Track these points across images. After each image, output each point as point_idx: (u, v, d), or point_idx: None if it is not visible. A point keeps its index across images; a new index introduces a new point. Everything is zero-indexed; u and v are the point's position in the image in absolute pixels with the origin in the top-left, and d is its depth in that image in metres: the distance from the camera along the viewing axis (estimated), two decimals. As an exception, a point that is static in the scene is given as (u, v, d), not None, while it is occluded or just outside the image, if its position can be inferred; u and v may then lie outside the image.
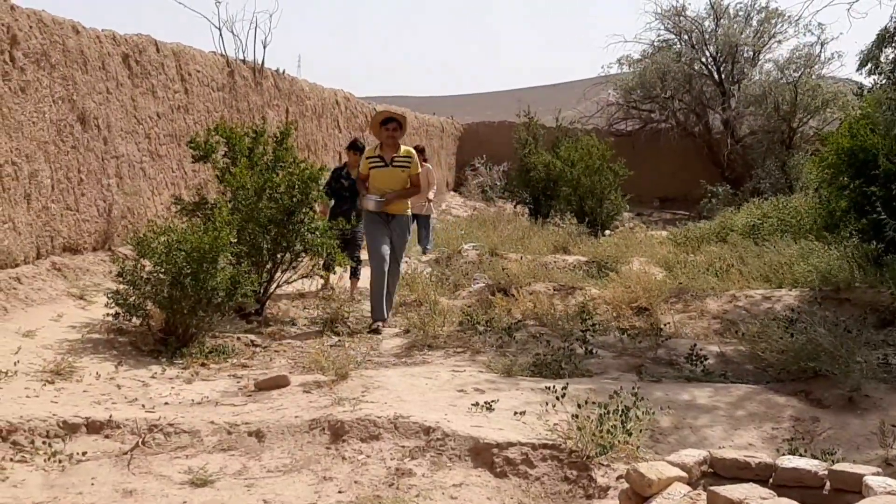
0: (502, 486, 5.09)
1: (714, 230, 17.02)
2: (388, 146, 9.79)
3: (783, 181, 24.06)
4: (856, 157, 12.35)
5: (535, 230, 16.99)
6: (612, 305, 10.49)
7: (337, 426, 5.71)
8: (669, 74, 28.98)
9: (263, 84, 15.75)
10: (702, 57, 29.49)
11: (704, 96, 29.54)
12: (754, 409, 6.56)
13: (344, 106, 20.31)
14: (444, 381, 7.11)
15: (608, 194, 20.21)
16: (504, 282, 11.28)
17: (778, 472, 4.14)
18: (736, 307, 10.41)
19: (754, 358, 7.89)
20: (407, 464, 5.30)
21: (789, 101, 27.00)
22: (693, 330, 9.64)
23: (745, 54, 29.46)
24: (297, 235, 9.66)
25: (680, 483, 3.99)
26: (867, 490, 3.80)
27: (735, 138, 28.49)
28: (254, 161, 9.81)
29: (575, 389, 6.21)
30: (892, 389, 6.81)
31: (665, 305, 10.48)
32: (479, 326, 8.98)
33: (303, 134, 17.34)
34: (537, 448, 5.33)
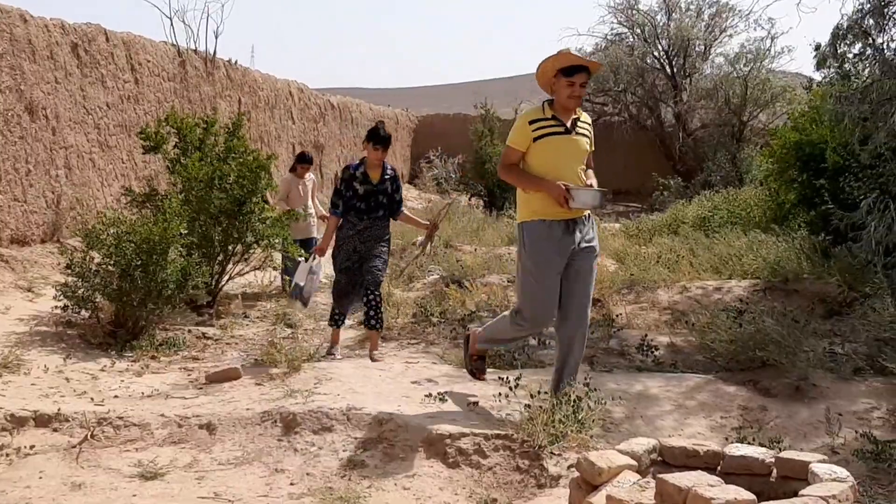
0: (455, 477, 5.10)
1: (666, 222, 17.15)
2: (568, 109, 6.02)
3: (733, 174, 24.27)
4: (804, 150, 12.53)
5: (489, 222, 17.02)
6: (563, 297, 10.53)
7: (289, 418, 5.69)
8: (622, 68, 29.11)
9: (215, 74, 15.62)
10: (654, 51, 29.64)
11: (657, 90, 29.71)
12: (704, 399, 6.63)
13: (297, 97, 20.20)
14: (397, 372, 7.11)
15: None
16: (458, 273, 11.29)
17: (726, 460, 4.18)
18: (686, 298, 10.51)
19: (704, 348, 7.97)
20: (359, 455, 5.30)
21: (740, 94, 27.24)
22: (644, 321, 9.71)
23: (697, 48, 29.65)
24: (248, 226, 9.60)
25: (630, 471, 4.01)
26: (813, 477, 3.85)
27: (686, 131, 28.71)
28: (205, 152, 9.72)
29: (528, 380, 6.24)
30: (838, 379, 6.91)
31: (617, 297, 10.56)
32: (432, 318, 8.99)
33: (255, 125, 17.22)
34: (490, 438, 5.35)
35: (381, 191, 7.93)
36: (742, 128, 27.43)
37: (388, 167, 8.06)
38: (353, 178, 7.89)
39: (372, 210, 7.90)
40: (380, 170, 7.96)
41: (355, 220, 7.86)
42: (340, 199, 7.88)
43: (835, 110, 9.49)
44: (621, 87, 29.71)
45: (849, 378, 6.94)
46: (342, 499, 4.70)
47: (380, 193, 7.92)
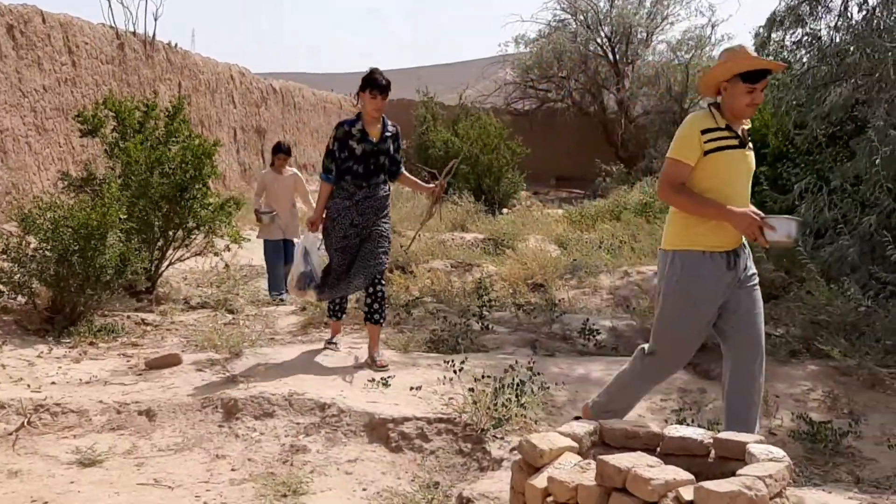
0: (397, 461, 5.11)
1: (608, 208, 17.30)
2: (741, 118, 4.86)
3: (675, 160, 24.51)
4: (744, 136, 12.69)
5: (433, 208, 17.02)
6: (508, 282, 10.59)
7: (230, 404, 5.65)
8: (565, 54, 29.28)
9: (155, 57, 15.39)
10: (597, 37, 29.85)
11: (599, 76, 29.93)
12: (645, 382, 6.68)
13: (239, 81, 19.99)
14: (340, 357, 7.08)
15: (505, 172, 20.38)
16: (402, 259, 11.27)
17: (665, 442, 4.22)
18: (628, 283, 10.63)
19: (645, 332, 8.04)
20: (302, 440, 5.28)
21: (681, 81, 27.55)
22: (587, 305, 9.79)
23: (639, 35, 29.93)
24: (190, 212, 9.48)
25: (571, 453, 4.04)
26: (750, 457, 3.91)
27: (629, 118, 28.98)
28: (145, 136, 9.57)
29: (471, 364, 6.26)
30: (775, 361, 7.02)
31: (560, 282, 10.63)
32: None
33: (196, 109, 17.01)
34: (433, 422, 5.36)
35: (383, 151, 6.76)
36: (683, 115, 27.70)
37: (389, 122, 6.92)
38: (348, 135, 6.67)
39: (372, 174, 6.73)
40: (379, 125, 6.79)
41: (352, 188, 6.70)
42: (333, 161, 6.70)
43: (774, 97, 9.62)
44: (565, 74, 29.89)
45: (785, 361, 7.07)
46: (284, 484, 4.68)
47: (381, 154, 6.75)
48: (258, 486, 4.73)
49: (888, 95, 8.15)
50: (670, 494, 3.54)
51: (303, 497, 4.62)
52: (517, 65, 30.96)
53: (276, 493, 4.62)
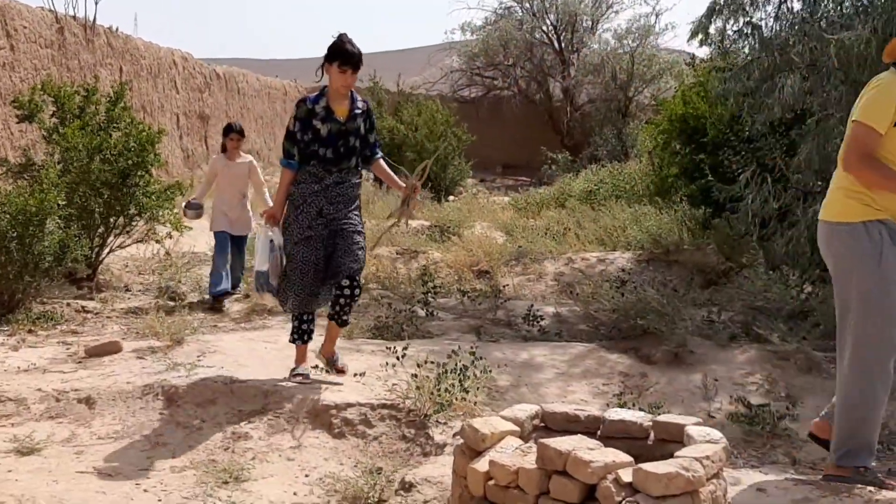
0: (340, 447, 5.10)
1: (553, 196, 17.43)
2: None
3: (619, 149, 24.76)
4: (687, 124, 12.85)
5: (379, 195, 16.97)
6: (454, 268, 10.61)
7: (171, 391, 5.59)
8: (511, 42, 29.35)
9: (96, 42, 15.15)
10: (542, 25, 29.96)
11: (545, 64, 30.04)
12: (587, 367, 6.77)
13: (182, 66, 19.75)
14: (283, 344, 7.02)
15: (452, 160, 20.39)
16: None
17: (606, 425, 4.27)
18: (572, 269, 10.71)
19: (588, 317, 8.12)
20: (244, 427, 5.24)
21: (626, 70, 27.77)
22: (532, 292, 9.86)
23: (584, 24, 30.09)
24: (132, 199, 9.36)
25: (513, 437, 4.07)
26: (688, 439, 3.97)
27: (574, 106, 29.15)
28: (85, 121, 9.42)
29: (415, 350, 6.26)
30: (715, 346, 7.14)
31: (505, 268, 10.68)
32: (320, 290, 8.92)
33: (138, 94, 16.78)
34: (376, 408, 5.36)
35: (352, 131, 5.85)
36: (628, 103, 27.98)
37: (359, 98, 6.01)
38: (311, 114, 5.77)
39: (342, 158, 5.84)
40: (347, 102, 5.87)
41: (320, 172, 5.80)
42: (295, 144, 5.79)
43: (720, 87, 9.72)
44: (511, 62, 29.95)
45: (725, 345, 7.18)
46: (225, 471, 4.65)
47: (350, 134, 5.85)
48: (199, 473, 4.70)
49: (836, 92, 8.27)
50: (610, 476, 3.58)
51: (244, 484, 4.60)
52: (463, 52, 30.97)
53: (217, 480, 4.59)
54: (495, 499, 3.82)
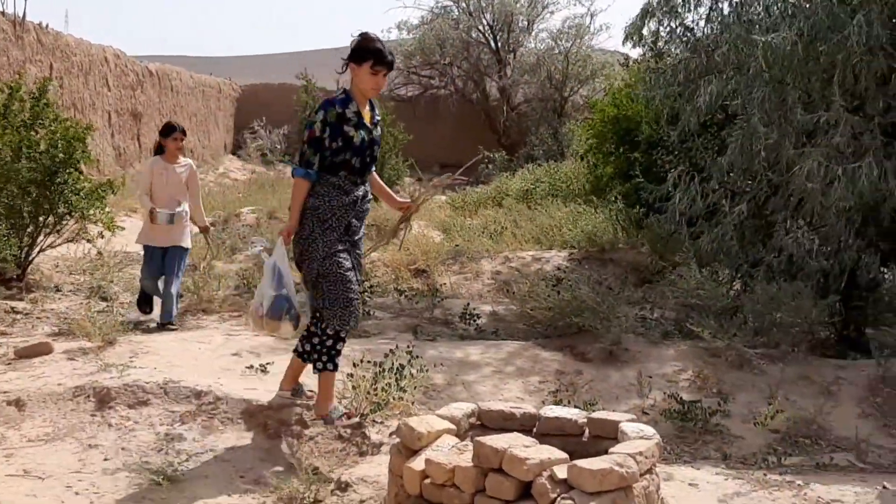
0: (275, 447, 5.05)
1: (490, 195, 17.49)
2: None
3: (555, 148, 24.91)
4: (621, 124, 13.00)
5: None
6: (391, 267, 10.59)
7: (103, 393, 5.49)
8: (448, 41, 29.35)
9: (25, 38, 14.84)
10: (479, 25, 30.01)
11: (482, 64, 30.09)
12: (522, 364, 6.81)
13: (114, 63, 19.43)
14: (217, 345, 6.97)
15: (388, 159, 20.34)
16: (283, 246, 11.13)
17: (541, 422, 4.31)
18: (509, 268, 10.77)
19: (524, 316, 8.17)
20: (177, 429, 5.18)
21: (561, 70, 27.97)
22: (469, 290, 9.89)
23: (520, 24, 30.21)
24: (61, 197, 9.17)
25: (449, 435, 4.09)
26: (622, 435, 4.03)
27: (511, 106, 29.24)
28: (10, 119, 9.20)
29: (352, 350, 6.25)
30: (649, 343, 7.24)
31: (442, 267, 10.70)
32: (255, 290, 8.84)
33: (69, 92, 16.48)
34: (311, 408, 5.32)
35: (377, 139, 5.40)
36: (564, 103, 28.18)
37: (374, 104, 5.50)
38: (342, 119, 5.14)
39: (367, 168, 5.35)
40: (367, 107, 5.37)
41: (347, 185, 5.21)
42: (319, 153, 5.12)
43: (648, 88, 9.84)
44: (447, 61, 29.96)
45: (658, 342, 7.28)
46: (159, 473, 4.59)
47: (375, 143, 5.38)
48: (132, 475, 4.63)
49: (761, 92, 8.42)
50: (545, 473, 3.62)
51: (178, 485, 4.54)
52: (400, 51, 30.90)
53: (150, 481, 4.53)
54: (431, 497, 3.83)
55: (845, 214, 7.65)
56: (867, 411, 6.16)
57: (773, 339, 7.26)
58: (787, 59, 8.12)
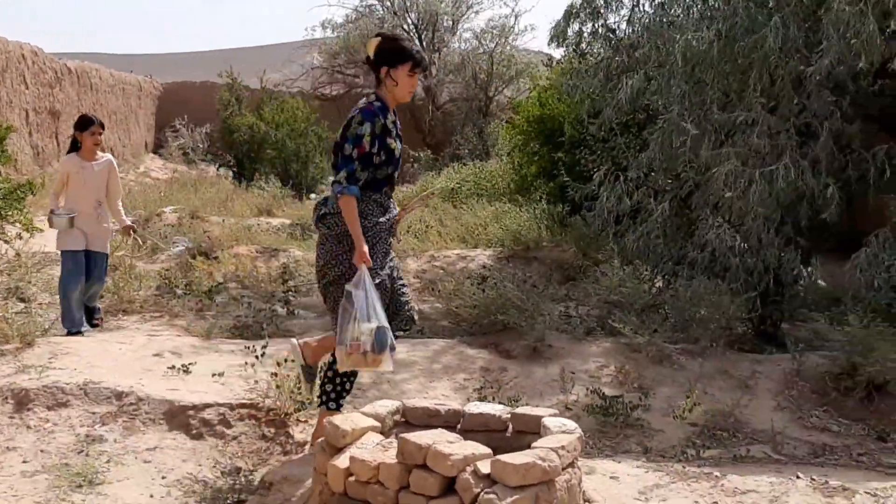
0: (198, 448, 5.01)
1: (416, 194, 17.48)
2: None
3: (481, 147, 25.02)
4: (545, 124, 13.12)
5: (238, 193, 16.73)
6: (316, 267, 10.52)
7: (21, 394, 5.37)
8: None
9: (-64, 33, 14.41)
10: (404, 24, 29.98)
11: (407, 63, 30.09)
12: (448, 362, 6.84)
13: (31, 61, 18.98)
14: (139, 345, 6.86)
15: (313, 157, 20.25)
16: (205, 245, 11.03)
17: (466, 418, 4.34)
18: (434, 267, 10.78)
19: (450, 314, 8.20)
20: (98, 430, 5.09)
21: (486, 70, 28.10)
22: (394, 289, 9.86)
23: (445, 23, 30.27)
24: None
25: (374, 433, 4.09)
26: (545, 430, 4.07)
27: (436, 105, 29.27)
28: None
29: (277, 349, 6.20)
30: (573, 339, 7.32)
31: (368, 266, 10.65)
32: (177, 290, 8.74)
33: (-17, 89, 16.06)
34: (235, 408, 5.29)
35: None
36: (489, 102, 28.30)
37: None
38: (385, 130, 4.69)
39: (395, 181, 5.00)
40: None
41: (385, 201, 4.83)
42: (368, 167, 4.63)
43: (569, 85, 9.97)
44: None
45: (582, 339, 7.37)
46: (79, 475, 4.51)
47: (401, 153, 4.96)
48: (52, 477, 4.55)
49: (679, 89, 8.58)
50: (469, 468, 3.64)
51: (99, 487, 4.48)
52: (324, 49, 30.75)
53: (70, 483, 4.46)
54: (356, 495, 3.84)
55: (763, 214, 7.84)
56: (783, 404, 6.31)
57: (693, 334, 7.39)
58: (705, 57, 8.30)
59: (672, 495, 4.13)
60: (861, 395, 6.30)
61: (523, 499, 3.55)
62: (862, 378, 6.30)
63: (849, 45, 7.40)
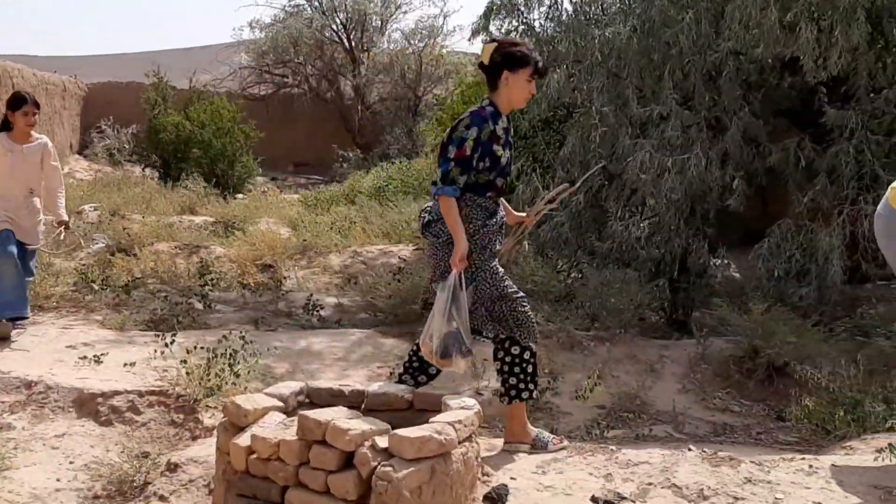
0: (107, 434, 5.05)
1: (343, 192, 17.55)
2: None
3: (410, 146, 25.14)
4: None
5: (163, 192, 16.59)
6: (237, 263, 10.54)
7: (-72, 385, 5.36)
8: (301, 40, 29.20)
9: None
10: (332, 24, 29.99)
11: (336, 63, 30.07)
12: (364, 352, 6.93)
13: (-51, 59, 18.66)
14: (52, 338, 6.83)
15: (240, 157, 20.14)
16: (125, 242, 10.95)
17: (369, 398, 4.42)
18: (357, 261, 10.86)
19: (369, 306, 8.29)
20: (6, 418, 5.11)
21: (415, 70, 28.25)
22: (316, 284, 9.92)
23: (374, 23, 30.36)
24: None
25: (276, 412, 4.16)
26: (446, 408, 4.18)
27: (365, 105, 29.30)
28: None
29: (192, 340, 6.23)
30: (489, 327, 7.44)
31: (290, 262, 10.71)
32: (94, 285, 8.70)
33: None
34: (144, 395, 5.33)
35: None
36: (417, 102, 28.44)
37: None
38: (494, 137, 4.56)
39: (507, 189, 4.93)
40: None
41: (492, 206, 4.70)
42: (466, 171, 4.50)
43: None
44: (301, 59, 29.84)
45: (495, 327, 7.48)
46: (-15, 462, 4.53)
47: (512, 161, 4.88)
48: (-43, 466, 4.55)
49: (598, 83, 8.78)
50: (367, 443, 3.74)
51: (5, 472, 4.50)
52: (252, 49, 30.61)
53: (-24, 471, 4.47)
54: (257, 472, 3.90)
55: (674, 204, 8.06)
56: (687, 387, 6.52)
57: (605, 323, 7.58)
58: (622, 52, 8.52)
59: (568, 468, 4.27)
60: (761, 376, 6.54)
61: (419, 471, 3.65)
62: (762, 361, 6.55)
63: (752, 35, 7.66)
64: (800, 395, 5.83)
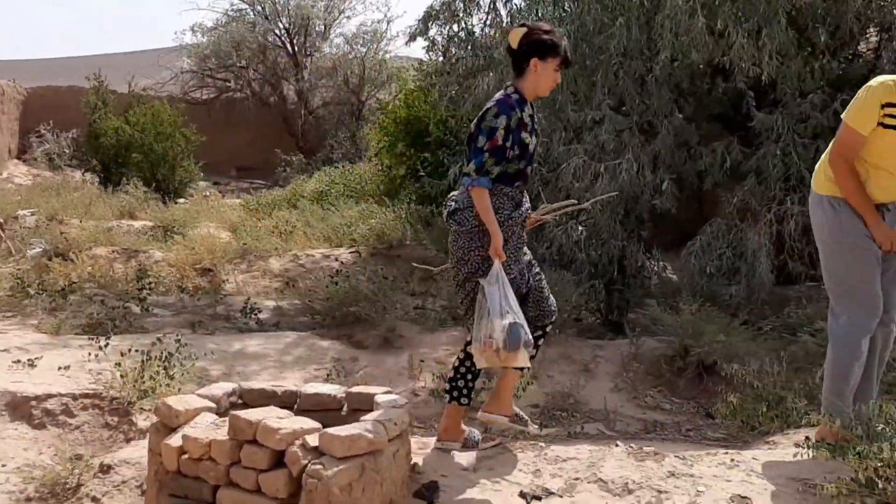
0: (40, 437, 5.04)
1: (286, 197, 17.52)
2: None
3: (353, 151, 25.14)
4: (412, 126, 13.35)
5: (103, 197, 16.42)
6: (176, 267, 10.49)
7: None
8: (244, 44, 29.07)
9: None
10: (275, 28, 29.88)
11: (279, 67, 29.96)
12: (301, 354, 6.98)
13: None
14: (-17, 341, 6.79)
15: (181, 161, 20.02)
16: (63, 247, 10.84)
17: (302, 399, 4.48)
18: (297, 265, 10.87)
19: (307, 309, 8.32)
20: (-66, 424, 5.06)
21: (358, 74, 28.27)
22: (255, 288, 9.92)
23: (317, 28, 30.29)
24: None
25: (208, 413, 4.19)
26: (377, 407, 4.24)
27: (309, 109, 29.23)
28: None
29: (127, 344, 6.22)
30: (424, 329, 7.54)
31: (230, 266, 10.68)
32: (30, 290, 8.62)
33: None
34: (78, 398, 5.32)
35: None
36: (361, 107, 28.45)
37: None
38: (521, 124, 4.48)
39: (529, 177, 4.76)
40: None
41: (518, 196, 4.60)
42: (500, 161, 4.41)
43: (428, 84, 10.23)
44: (243, 64, 29.70)
45: (433, 329, 7.60)
46: (-88, 468, 4.49)
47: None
48: None
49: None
50: (297, 442, 3.79)
51: (-68, 478, 4.46)
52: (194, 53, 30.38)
53: None
54: (189, 472, 3.94)
55: (609, 207, 8.21)
56: (620, 385, 6.66)
57: (541, 323, 7.68)
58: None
59: (498, 465, 4.36)
60: (692, 375, 6.70)
61: (349, 469, 3.71)
62: (693, 359, 6.70)
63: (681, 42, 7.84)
64: (727, 392, 5.98)
